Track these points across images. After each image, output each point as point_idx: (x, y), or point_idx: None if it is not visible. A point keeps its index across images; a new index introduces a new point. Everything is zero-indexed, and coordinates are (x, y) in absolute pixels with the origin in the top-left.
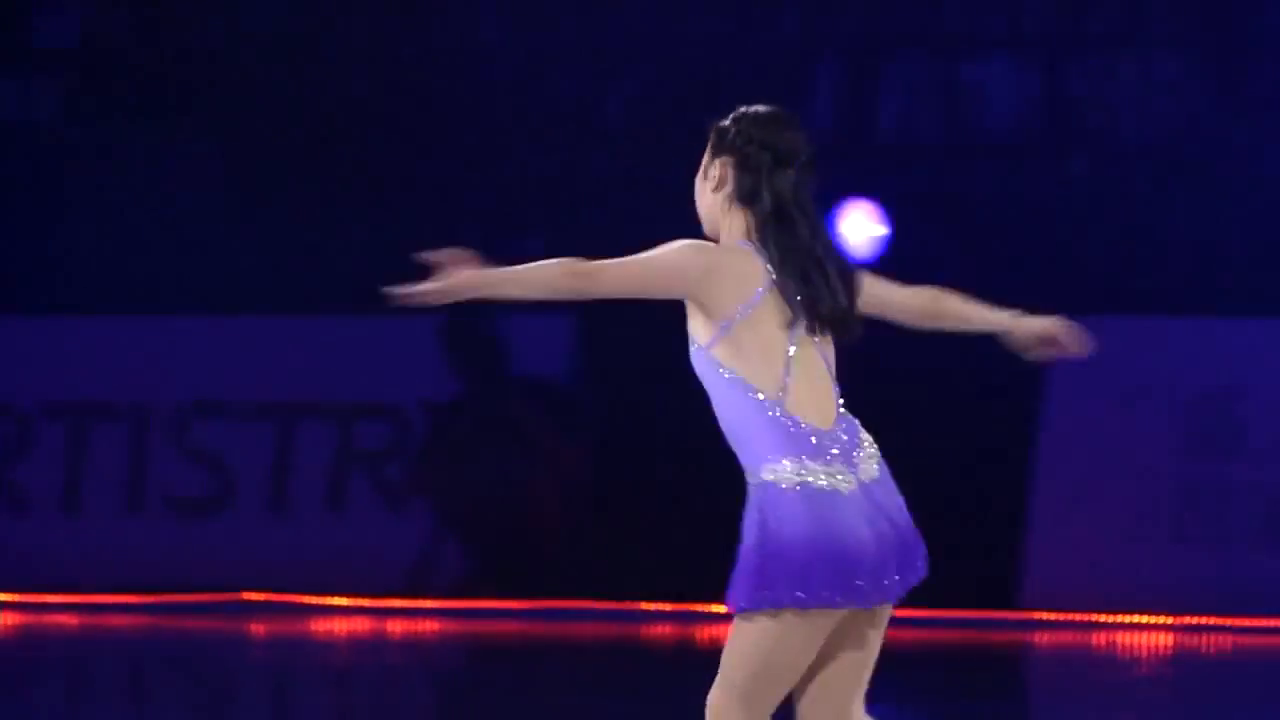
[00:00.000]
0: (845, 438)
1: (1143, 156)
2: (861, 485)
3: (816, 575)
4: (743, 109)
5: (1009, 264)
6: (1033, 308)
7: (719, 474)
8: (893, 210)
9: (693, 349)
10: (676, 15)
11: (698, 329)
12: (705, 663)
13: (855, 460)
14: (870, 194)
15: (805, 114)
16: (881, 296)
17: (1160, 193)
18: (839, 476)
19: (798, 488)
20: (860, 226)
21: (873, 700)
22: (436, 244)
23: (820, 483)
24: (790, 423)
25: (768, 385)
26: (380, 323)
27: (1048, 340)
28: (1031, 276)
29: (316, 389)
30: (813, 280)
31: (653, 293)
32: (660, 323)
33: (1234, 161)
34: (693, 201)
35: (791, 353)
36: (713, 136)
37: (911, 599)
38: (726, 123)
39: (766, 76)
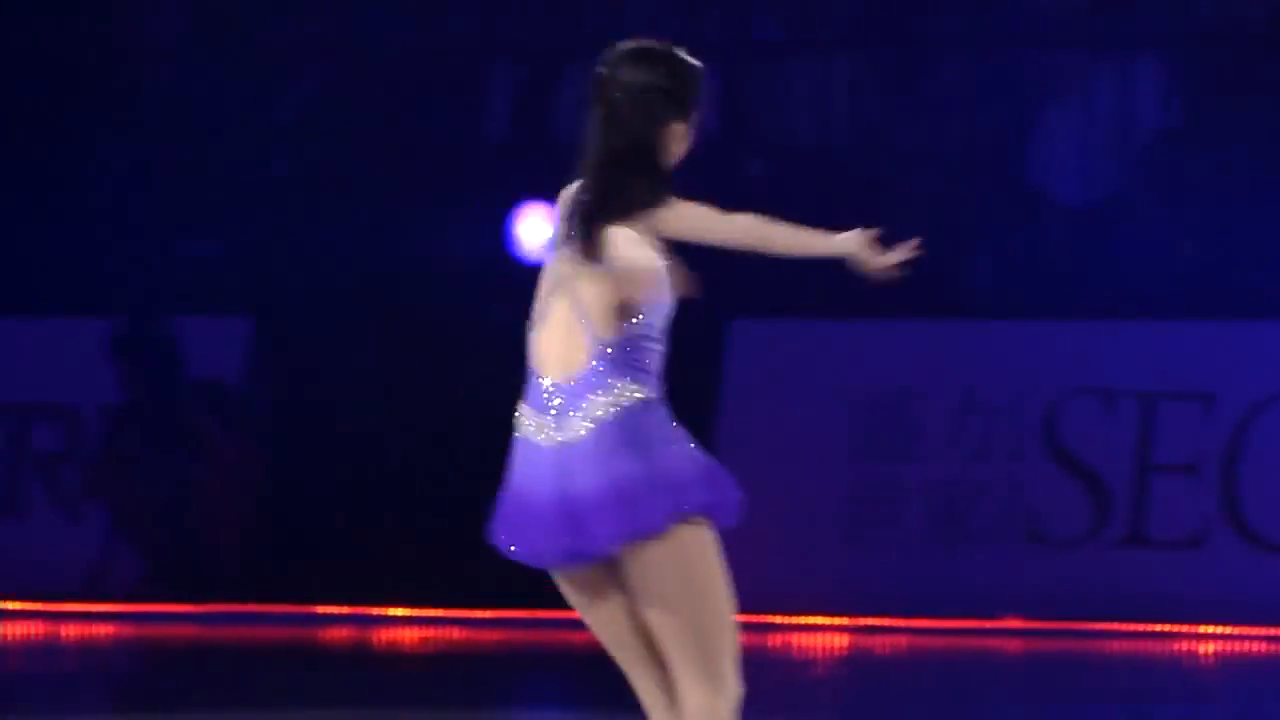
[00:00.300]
0: (569, 389)
1: (817, 158)
2: (551, 445)
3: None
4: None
5: (686, 265)
6: (708, 311)
7: (393, 476)
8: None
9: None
10: (356, 15)
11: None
12: (382, 665)
13: (565, 418)
14: (548, 196)
15: (483, 116)
16: (702, 224)
17: (834, 194)
18: (554, 423)
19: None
20: (538, 228)
21: (533, 702)
22: (110, 244)
23: (526, 429)
24: (532, 360)
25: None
26: (55, 324)
27: (872, 253)
28: (706, 278)
29: None
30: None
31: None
32: (333, 324)
33: (907, 163)
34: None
35: (553, 290)
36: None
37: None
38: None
39: (444, 78)
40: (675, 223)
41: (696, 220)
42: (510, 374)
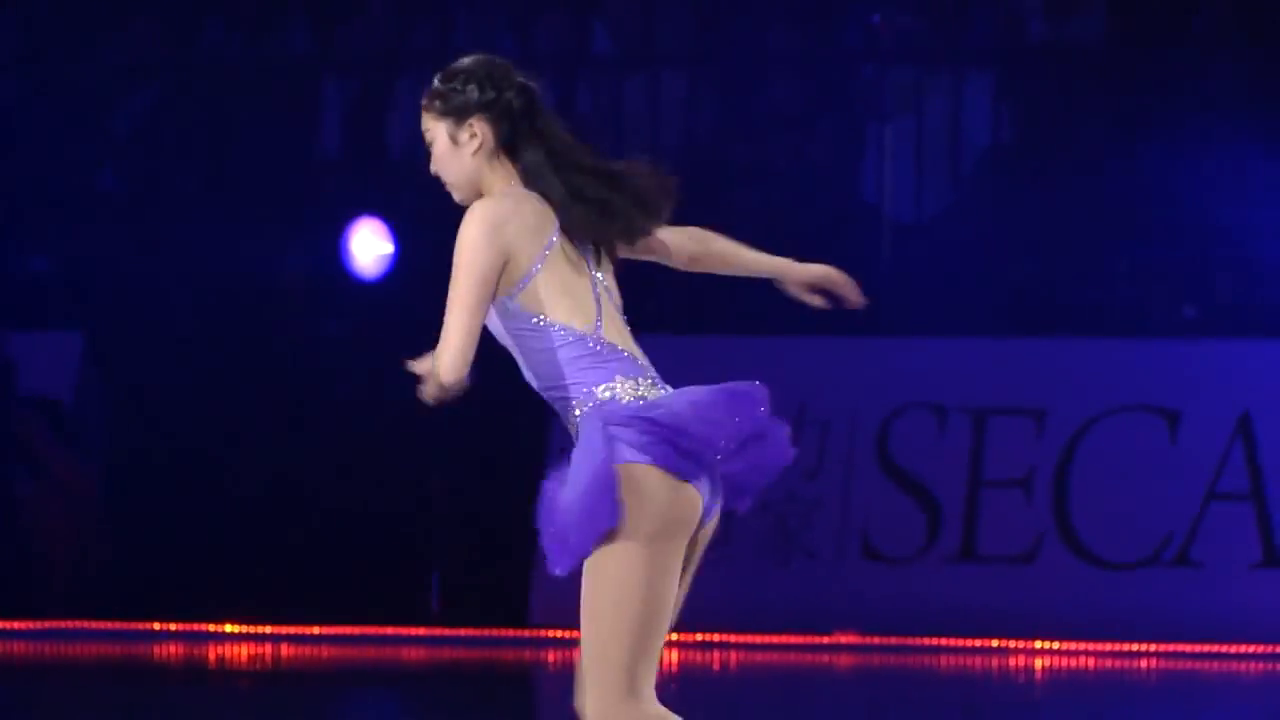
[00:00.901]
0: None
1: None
2: None
3: (681, 451)
4: (458, 67)
5: None
6: None
7: (226, 492)
8: (402, 227)
9: (494, 306)
10: (189, 30)
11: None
12: (216, 682)
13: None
14: (379, 212)
15: (314, 130)
16: (656, 240)
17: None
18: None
19: (640, 401)
20: (369, 244)
21: None
22: None
23: (656, 394)
24: (611, 350)
25: (583, 323)
26: None
27: (823, 286)
28: None
29: None
30: (612, 204)
31: (492, 286)
32: (166, 340)
33: (737, 179)
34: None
35: (596, 286)
36: (438, 104)
37: (419, 615)
38: (451, 85)
39: (277, 93)
40: (656, 238)
41: (667, 235)
42: (343, 388)
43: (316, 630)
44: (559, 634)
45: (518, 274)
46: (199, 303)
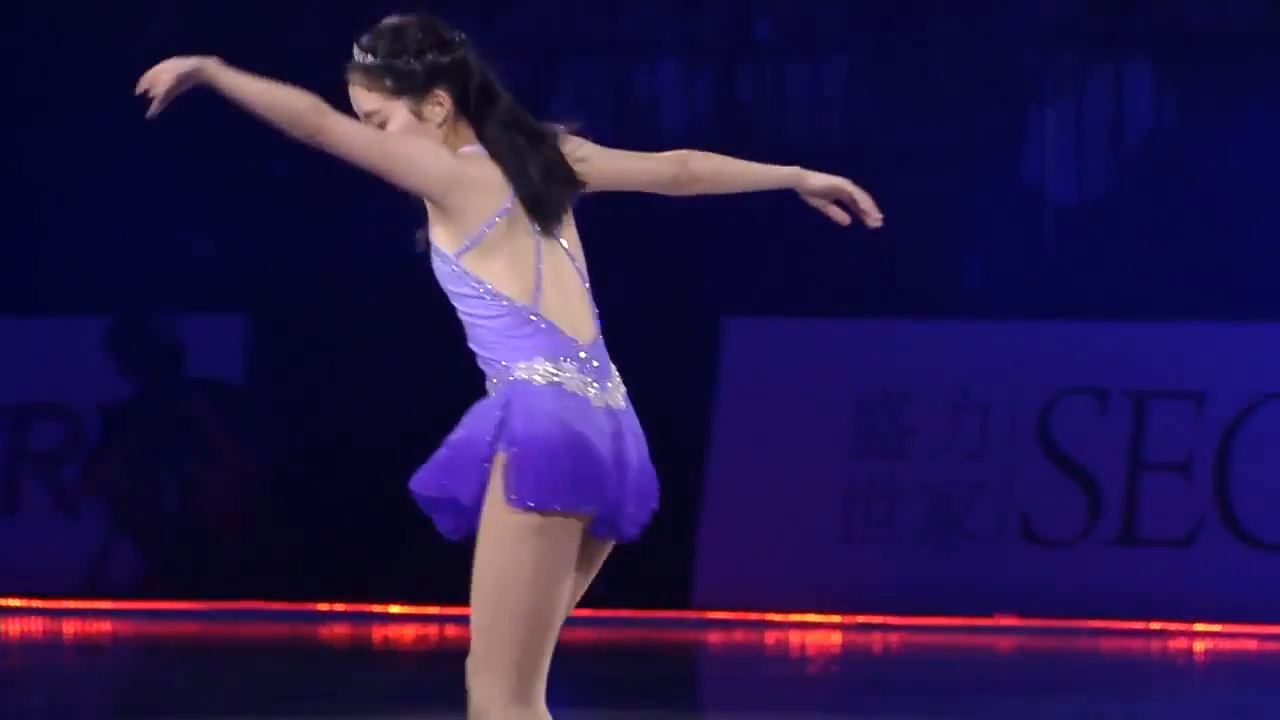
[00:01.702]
0: (598, 363)
1: (812, 160)
2: (608, 408)
3: (566, 481)
4: (397, 33)
5: (679, 267)
6: (706, 312)
7: (393, 472)
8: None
9: (436, 256)
10: (359, 16)
11: (442, 236)
12: (382, 662)
13: (606, 385)
14: None
15: None
16: (623, 168)
17: None
18: (591, 388)
19: (553, 386)
20: None
21: (549, 701)
22: (109, 243)
23: (572, 386)
24: (546, 326)
25: (520, 293)
26: (53, 323)
27: (837, 195)
28: (703, 280)
29: None
30: (552, 172)
31: (390, 175)
32: (331, 322)
33: (899, 164)
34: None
35: (540, 264)
36: (389, 83)
37: (586, 598)
38: (398, 57)
39: None
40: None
41: (609, 161)
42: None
43: None
44: (722, 615)
45: (465, 231)
46: (364, 286)
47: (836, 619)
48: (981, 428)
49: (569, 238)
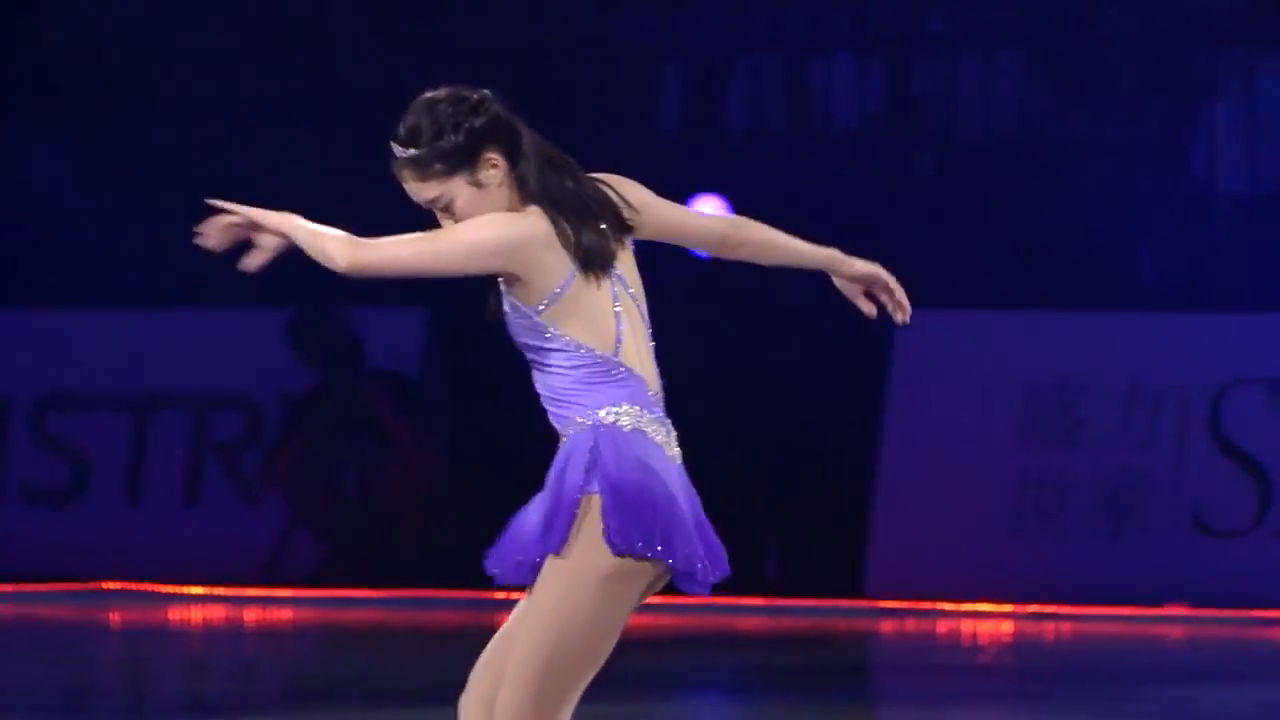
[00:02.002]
0: (663, 412)
1: (984, 154)
2: (676, 462)
3: (660, 528)
4: (431, 116)
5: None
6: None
7: None
8: (740, 207)
9: (512, 311)
10: (535, 14)
11: (521, 292)
12: None
13: (671, 436)
14: (718, 191)
15: (655, 113)
16: (676, 221)
17: (1000, 189)
18: (669, 440)
19: (637, 431)
20: None
21: (721, 688)
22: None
23: (657, 436)
24: (626, 373)
25: (602, 344)
26: (235, 315)
27: (871, 285)
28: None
29: (172, 381)
30: (597, 214)
31: (455, 272)
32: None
33: (1070, 159)
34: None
35: (618, 309)
36: (439, 167)
37: (756, 586)
38: (440, 139)
39: (616, 77)
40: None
41: (661, 209)
42: (680, 364)
43: (658, 599)
44: (894, 604)
45: (546, 290)
46: None
47: (1008, 608)
48: (1152, 419)
49: (633, 281)
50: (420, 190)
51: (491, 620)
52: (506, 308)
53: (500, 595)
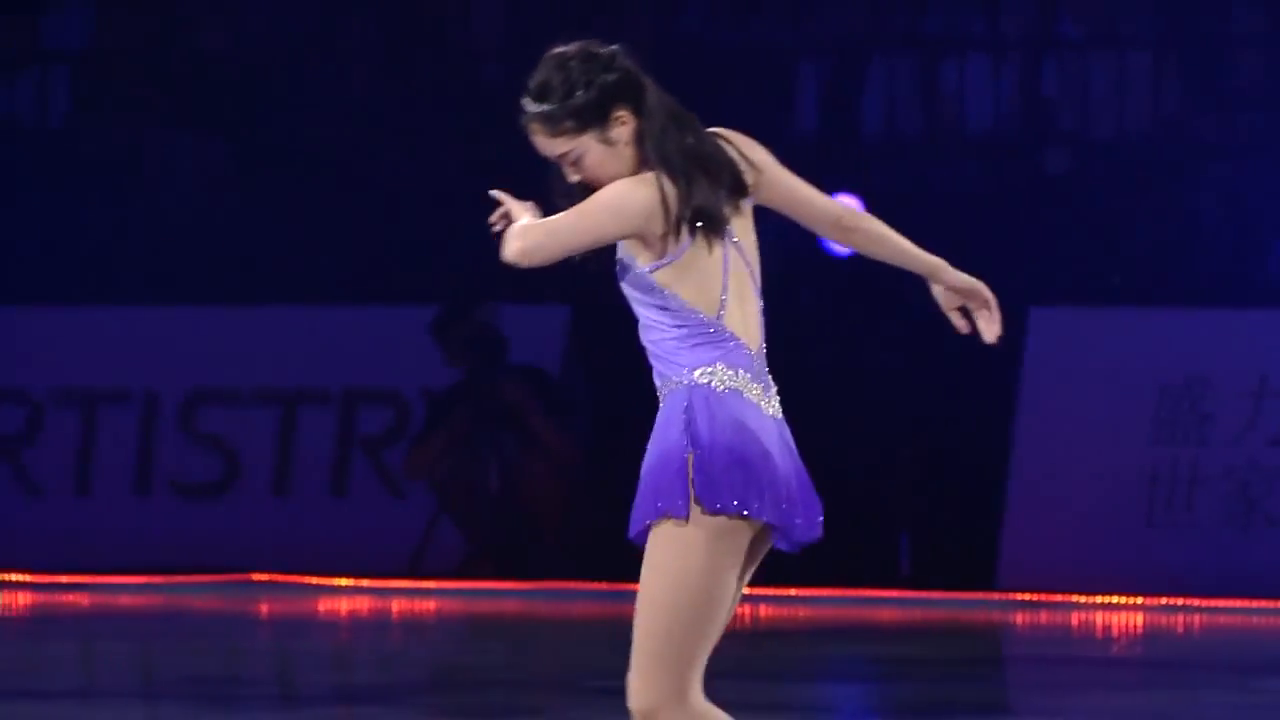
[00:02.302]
0: (765, 371)
1: (1115, 153)
2: (775, 418)
3: (752, 487)
4: (564, 70)
5: (987, 257)
6: (1011, 300)
7: None
8: (877, 205)
9: (627, 272)
10: (673, 15)
11: (637, 250)
12: None
13: (771, 394)
14: (855, 189)
15: (792, 113)
16: (795, 191)
17: (1132, 188)
18: (767, 398)
19: (732, 391)
20: None
21: (857, 678)
22: (434, 235)
23: (752, 395)
24: (727, 336)
25: (707, 306)
26: (380, 312)
27: (968, 298)
28: (1009, 269)
29: (319, 376)
30: (718, 175)
31: (606, 240)
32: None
33: (1201, 158)
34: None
35: (728, 272)
36: (570, 124)
37: (890, 578)
38: (571, 95)
39: (753, 77)
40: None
41: (784, 180)
42: (812, 357)
43: (793, 592)
44: (1026, 597)
45: (664, 252)
46: None
47: (1139, 600)
48: None
49: (747, 244)
50: (550, 145)
51: (631, 611)
52: (621, 259)
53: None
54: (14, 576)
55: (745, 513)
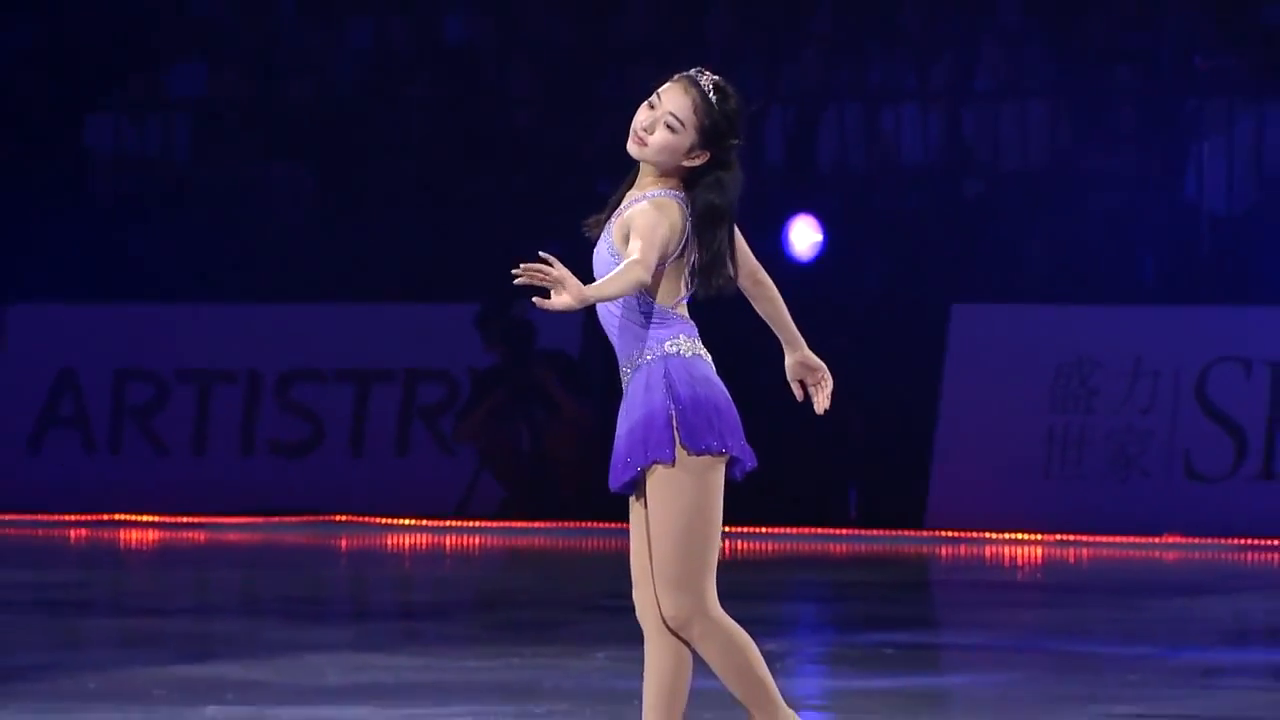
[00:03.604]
0: None
1: (1020, 182)
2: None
3: (727, 428)
4: (732, 91)
5: (918, 265)
6: (937, 298)
7: None
8: (829, 224)
9: (608, 256)
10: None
11: (622, 245)
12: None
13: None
14: (813, 210)
15: (762, 149)
16: (746, 261)
17: (1034, 209)
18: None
19: (695, 355)
20: (804, 234)
21: (814, 599)
22: (477, 241)
23: (708, 358)
24: (683, 315)
25: (674, 301)
26: (435, 308)
27: (811, 371)
28: (935, 273)
29: (386, 359)
30: (722, 252)
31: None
32: None
33: (1088, 187)
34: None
35: (692, 284)
36: (701, 115)
37: (840, 519)
38: (723, 108)
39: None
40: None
41: (747, 257)
42: (778, 349)
43: (763, 530)
44: (949, 534)
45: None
46: None
47: (1039, 537)
48: (1151, 389)
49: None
50: (675, 105)
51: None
52: (604, 247)
53: None
54: (144, 518)
55: (723, 449)
